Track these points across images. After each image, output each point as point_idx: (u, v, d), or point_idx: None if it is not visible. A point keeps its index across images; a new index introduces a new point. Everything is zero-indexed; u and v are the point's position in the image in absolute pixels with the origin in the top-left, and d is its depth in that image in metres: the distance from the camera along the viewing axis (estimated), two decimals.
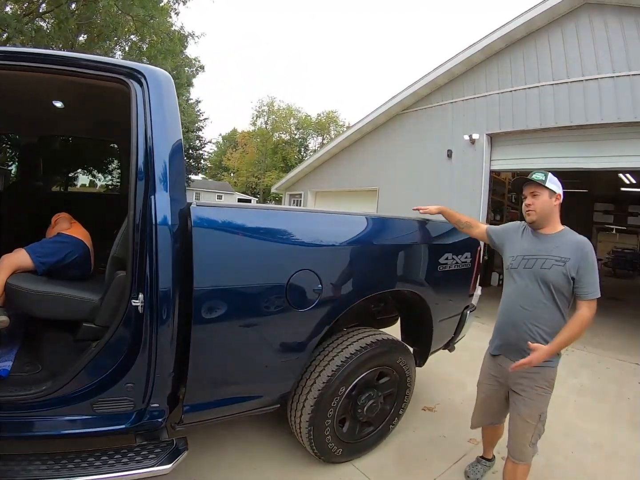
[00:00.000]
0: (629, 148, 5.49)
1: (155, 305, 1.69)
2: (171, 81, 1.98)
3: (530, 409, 2.06)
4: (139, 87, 1.83)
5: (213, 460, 2.46)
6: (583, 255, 1.94)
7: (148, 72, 1.87)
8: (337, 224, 2.36)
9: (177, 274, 1.73)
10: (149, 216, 1.69)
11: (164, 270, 1.69)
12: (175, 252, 1.72)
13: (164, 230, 1.69)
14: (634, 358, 5.31)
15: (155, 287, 1.68)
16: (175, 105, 1.94)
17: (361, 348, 2.35)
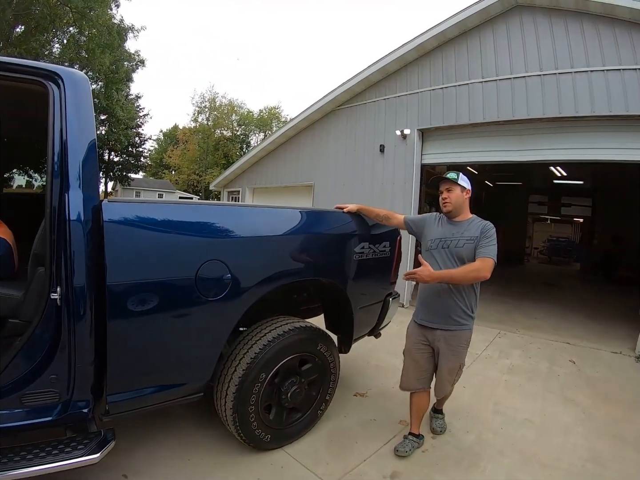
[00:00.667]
0: (555, 142, 6.01)
1: (72, 299, 1.82)
2: (87, 82, 2.09)
3: (452, 362, 2.66)
4: (56, 88, 1.93)
5: (147, 455, 2.54)
6: (484, 231, 2.51)
7: (65, 73, 1.97)
8: (246, 216, 2.55)
9: (91, 268, 1.86)
10: (63, 213, 1.82)
11: (78, 265, 1.83)
12: (89, 247, 1.86)
13: (77, 226, 1.83)
14: (565, 338, 5.78)
15: (71, 281, 1.82)
16: (90, 106, 2.05)
17: (279, 335, 2.52)
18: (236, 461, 2.56)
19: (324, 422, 3.08)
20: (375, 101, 8.16)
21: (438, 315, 2.62)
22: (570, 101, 5.61)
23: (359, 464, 2.64)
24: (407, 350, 2.84)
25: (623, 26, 5.32)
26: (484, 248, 2.44)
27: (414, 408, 2.86)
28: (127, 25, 21.20)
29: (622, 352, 5.21)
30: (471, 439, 3.02)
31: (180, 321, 2.16)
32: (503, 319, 6.79)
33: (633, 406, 3.67)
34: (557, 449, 2.91)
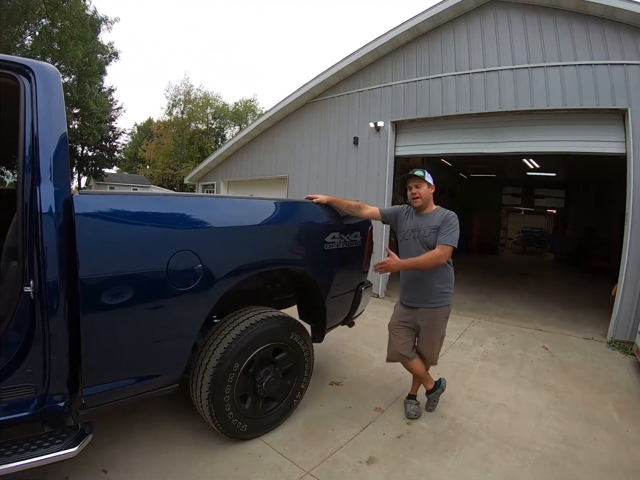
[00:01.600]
0: (526, 134, 6.16)
1: (45, 292, 1.83)
2: (58, 76, 2.08)
3: (434, 335, 3.02)
4: (27, 81, 1.93)
5: (126, 449, 2.56)
6: (445, 220, 2.83)
7: (36, 67, 1.97)
8: (216, 207, 2.59)
9: (63, 261, 1.87)
10: (35, 207, 1.82)
11: (51, 258, 1.84)
12: (61, 240, 1.86)
13: (49, 219, 1.83)
14: (538, 325, 5.96)
15: (44, 274, 1.82)
16: (61, 100, 2.04)
17: (251, 325, 2.56)
18: (214, 452, 2.59)
19: (300, 411, 3.12)
20: (349, 94, 8.21)
21: (419, 296, 2.96)
22: (542, 94, 5.76)
23: (336, 451, 2.69)
24: (391, 325, 3.14)
25: (596, 22, 5.48)
26: (443, 236, 2.78)
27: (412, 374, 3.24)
28: (100, 16, 20.74)
29: (593, 338, 5.40)
30: (446, 424, 3.10)
31: (153, 312, 2.18)
32: (477, 307, 6.95)
33: (604, 389, 3.80)
34: (531, 432, 3.01)
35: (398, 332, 3.05)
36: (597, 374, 4.20)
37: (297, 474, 2.44)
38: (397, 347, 3.04)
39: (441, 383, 3.28)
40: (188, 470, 2.40)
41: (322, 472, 2.46)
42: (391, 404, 3.36)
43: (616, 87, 5.25)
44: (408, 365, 3.11)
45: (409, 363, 3.08)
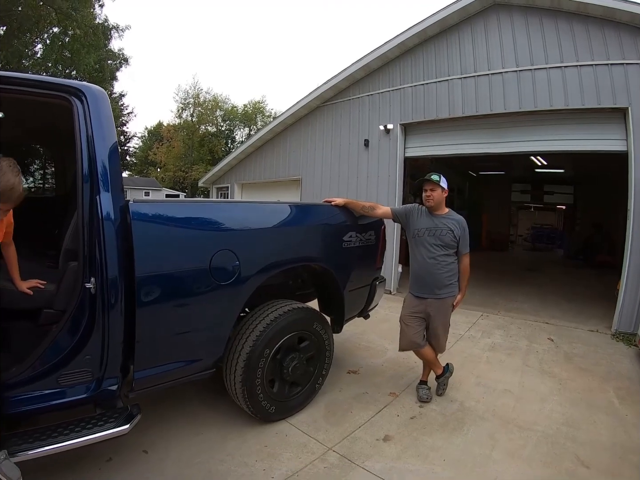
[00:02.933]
0: (531, 134, 6.35)
1: (105, 287, 2.08)
2: (106, 95, 2.33)
3: (443, 320, 3.32)
4: (79, 103, 2.16)
5: (162, 432, 2.83)
6: (461, 227, 3.24)
7: (86, 89, 2.21)
8: (250, 211, 2.92)
9: (122, 261, 2.13)
10: (96, 213, 2.08)
11: (111, 258, 2.10)
12: (119, 242, 2.13)
13: (109, 225, 2.10)
14: (544, 318, 6.14)
15: (105, 272, 2.08)
16: (110, 116, 2.30)
17: (279, 315, 2.87)
18: (244, 432, 2.87)
19: (321, 396, 3.40)
20: (359, 97, 8.43)
21: (428, 287, 3.26)
22: (545, 95, 5.95)
23: (355, 430, 2.98)
24: (402, 317, 3.41)
25: (596, 23, 5.65)
26: (465, 246, 3.25)
27: (423, 361, 3.52)
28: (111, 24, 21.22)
29: (598, 330, 5.56)
30: (455, 407, 3.36)
31: (197, 304, 2.48)
32: (486, 302, 7.17)
33: (606, 378, 3.98)
34: (534, 415, 3.23)
35: (410, 322, 3.32)
36: (600, 363, 4.37)
37: (321, 449, 2.73)
38: (410, 336, 3.31)
39: (449, 367, 3.55)
40: (222, 449, 2.67)
41: (343, 448, 2.75)
42: (404, 389, 3.64)
43: (617, 87, 5.42)
44: (420, 352, 3.38)
45: (420, 350, 3.35)
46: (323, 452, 2.69)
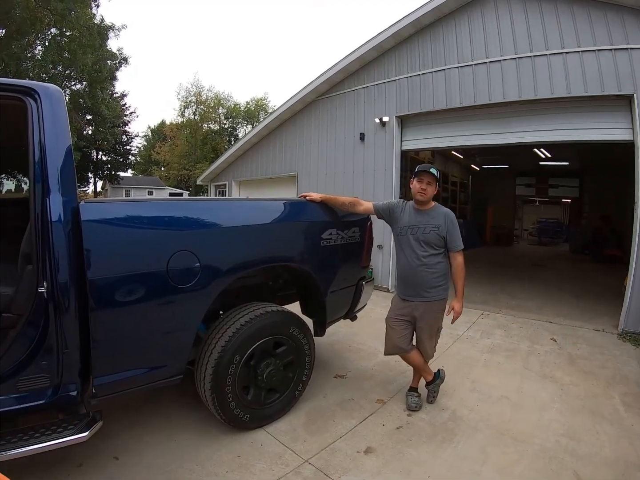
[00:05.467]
0: (531, 124, 6.10)
1: (56, 291, 2.04)
2: (61, 95, 2.28)
3: (430, 327, 3.09)
4: (33, 103, 2.13)
5: (136, 437, 2.75)
6: (448, 221, 2.98)
7: (41, 89, 2.17)
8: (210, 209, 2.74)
9: (73, 264, 2.07)
10: (46, 215, 2.03)
11: (61, 261, 2.04)
12: (70, 245, 2.06)
13: (59, 227, 2.04)
14: (548, 317, 5.88)
15: (55, 276, 2.03)
16: (64, 116, 2.23)
17: (250, 319, 2.70)
18: (218, 440, 2.74)
19: (303, 402, 3.23)
20: (354, 90, 8.25)
21: (414, 290, 3.05)
22: (546, 83, 5.70)
23: (335, 441, 2.79)
24: (388, 319, 3.22)
25: (597, 7, 5.38)
26: (456, 241, 2.99)
27: (411, 366, 3.32)
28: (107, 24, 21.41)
29: (604, 330, 5.30)
30: (446, 416, 3.15)
31: (154, 308, 2.36)
32: (487, 299, 6.94)
33: (612, 382, 3.73)
34: (532, 425, 3.01)
35: (395, 325, 3.13)
36: (606, 366, 4.13)
37: (296, 462, 2.56)
38: (394, 340, 3.13)
39: (440, 374, 3.35)
40: (193, 456, 2.57)
41: (319, 461, 2.57)
42: (393, 396, 3.44)
43: (621, 73, 5.16)
44: (406, 357, 3.20)
45: (406, 355, 3.17)
46: (298, 465, 2.53)
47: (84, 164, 34.77)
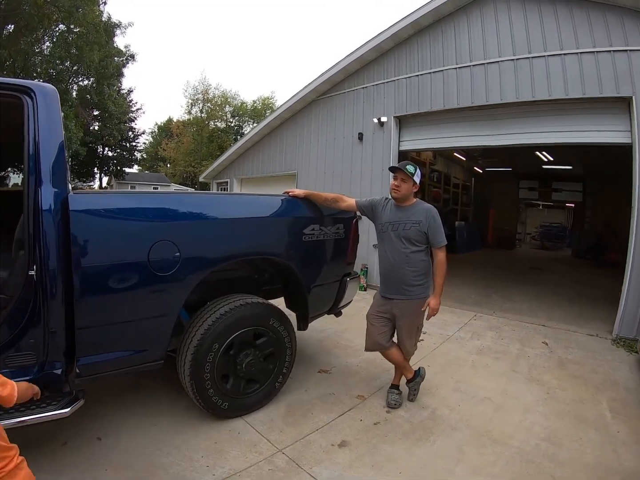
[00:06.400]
0: (529, 125, 6.06)
1: (44, 275, 2.17)
2: (56, 93, 2.40)
3: (409, 324, 3.07)
4: (29, 100, 2.26)
5: (120, 419, 2.85)
6: (429, 217, 2.93)
7: (37, 87, 2.30)
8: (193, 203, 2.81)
9: (60, 250, 2.20)
10: (37, 205, 2.16)
11: (50, 247, 2.17)
12: (58, 233, 2.19)
13: (48, 215, 2.17)
14: (541, 320, 5.82)
15: (44, 260, 2.16)
16: (58, 114, 2.37)
17: (230, 310, 2.76)
18: (197, 427, 2.81)
19: (284, 394, 3.26)
20: (354, 90, 8.28)
21: (394, 287, 3.03)
22: (544, 85, 5.68)
23: (311, 433, 2.81)
24: (368, 315, 3.23)
25: (597, 8, 5.35)
26: (438, 238, 2.93)
27: (392, 363, 3.30)
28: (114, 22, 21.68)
29: (598, 335, 5.24)
30: (425, 414, 3.14)
31: (136, 294, 2.46)
32: (481, 301, 6.91)
33: (601, 387, 3.68)
34: (513, 427, 2.97)
35: (375, 322, 3.13)
36: (596, 371, 4.06)
37: (270, 450, 2.59)
38: (374, 337, 3.13)
39: (420, 372, 3.35)
40: (171, 441, 2.64)
41: (293, 451, 2.60)
42: (375, 392, 3.45)
43: (620, 75, 5.13)
44: (386, 354, 3.21)
45: (386, 352, 3.18)
46: (272, 454, 2.56)
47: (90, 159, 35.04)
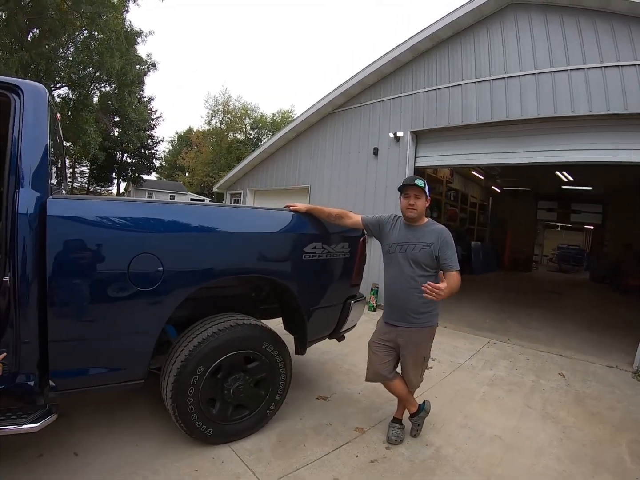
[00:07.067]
0: (550, 143, 5.80)
1: (17, 282, 2.05)
2: (45, 94, 2.33)
3: (415, 356, 2.81)
4: (17, 98, 2.19)
5: (101, 436, 2.72)
6: (442, 239, 2.65)
7: (25, 86, 2.23)
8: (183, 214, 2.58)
9: (36, 257, 2.07)
10: (15, 208, 2.05)
11: (25, 253, 2.05)
12: (34, 238, 2.06)
13: (24, 219, 2.05)
14: (558, 349, 5.47)
15: (18, 266, 2.04)
16: (45, 114, 2.28)
17: (219, 330, 2.56)
18: (179, 452, 2.62)
19: (277, 422, 3.03)
20: (370, 103, 8.14)
21: (399, 314, 2.77)
22: (566, 100, 5.43)
23: (301, 467, 2.57)
24: (371, 343, 2.96)
25: (621, 20, 5.12)
26: (451, 260, 2.63)
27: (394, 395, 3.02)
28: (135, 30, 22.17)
29: (618, 367, 4.91)
30: (428, 453, 2.84)
31: (115, 309, 2.29)
32: (496, 327, 6.60)
33: (621, 428, 3.35)
34: (524, 472, 2.67)
35: (378, 351, 2.88)
36: (616, 407, 3.75)
37: None
38: (375, 367, 2.89)
39: (425, 406, 3.09)
40: (151, 464, 2.47)
41: None
42: (375, 425, 3.17)
43: None
44: (388, 386, 2.94)
45: (389, 384, 2.92)
46: None
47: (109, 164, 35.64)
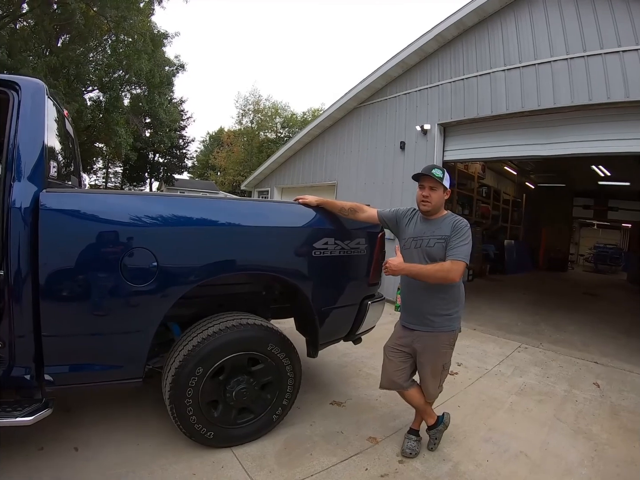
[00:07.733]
0: (584, 133, 5.41)
1: (9, 276, 2.03)
2: (43, 90, 2.36)
3: (433, 363, 2.57)
4: (15, 94, 2.22)
5: (103, 433, 2.69)
6: (455, 228, 2.42)
7: (23, 82, 2.27)
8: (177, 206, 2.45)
9: (28, 250, 2.04)
10: (7, 201, 2.04)
11: (18, 246, 2.03)
12: (27, 231, 2.04)
13: (17, 212, 2.03)
14: (594, 356, 5.09)
15: (11, 260, 2.03)
16: (41, 107, 2.30)
17: (220, 330, 2.44)
18: (180, 453, 2.54)
19: (285, 427, 2.88)
20: (396, 96, 7.90)
21: (415, 317, 2.57)
22: (602, 86, 5.02)
23: (304, 478, 2.40)
24: (386, 347, 2.77)
25: None
26: (455, 249, 2.36)
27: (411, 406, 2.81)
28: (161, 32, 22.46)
29: None
30: (445, 469, 2.58)
31: (106, 305, 2.24)
32: (528, 330, 6.23)
33: None
34: None
35: (392, 357, 2.67)
36: None
37: None
38: (389, 374, 2.69)
39: (444, 418, 2.84)
40: (149, 464, 2.42)
41: None
42: (390, 435, 2.95)
43: None
44: (403, 395, 2.74)
45: (404, 393, 2.71)
46: None
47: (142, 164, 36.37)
